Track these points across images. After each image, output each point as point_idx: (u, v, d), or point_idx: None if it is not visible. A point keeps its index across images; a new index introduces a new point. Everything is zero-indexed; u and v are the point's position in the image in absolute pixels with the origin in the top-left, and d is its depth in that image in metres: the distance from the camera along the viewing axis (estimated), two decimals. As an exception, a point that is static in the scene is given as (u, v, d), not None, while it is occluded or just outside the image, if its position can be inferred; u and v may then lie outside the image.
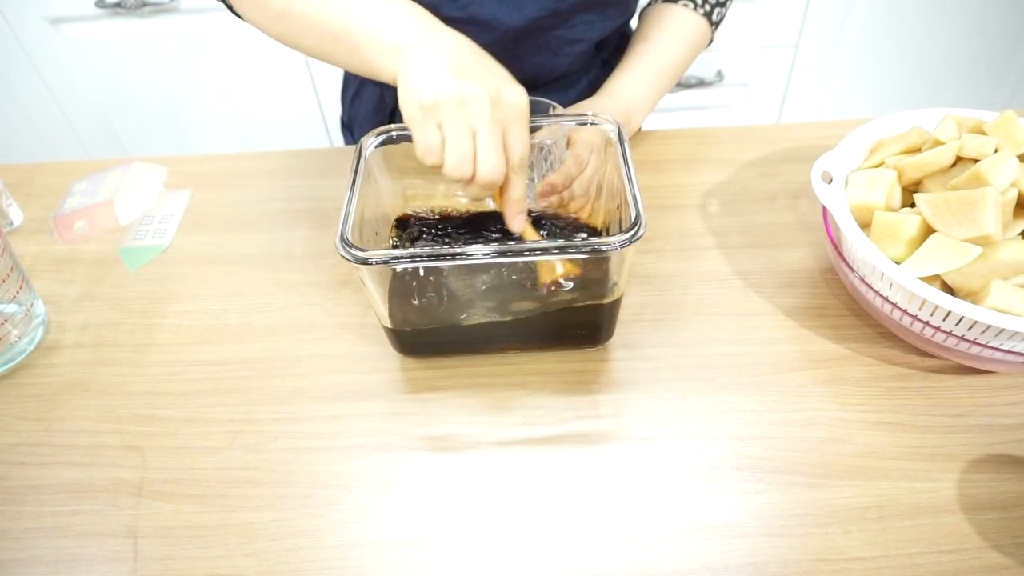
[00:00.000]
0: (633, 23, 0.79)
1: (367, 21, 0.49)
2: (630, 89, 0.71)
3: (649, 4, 0.77)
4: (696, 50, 0.74)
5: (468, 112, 0.45)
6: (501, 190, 0.49)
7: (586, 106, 0.68)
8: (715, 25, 0.75)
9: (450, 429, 0.53)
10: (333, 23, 0.51)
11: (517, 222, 0.50)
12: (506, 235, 0.62)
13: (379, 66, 0.49)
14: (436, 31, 0.48)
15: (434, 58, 0.46)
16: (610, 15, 0.72)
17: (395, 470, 0.51)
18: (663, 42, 0.72)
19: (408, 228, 0.63)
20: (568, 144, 0.60)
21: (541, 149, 0.59)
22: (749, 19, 1.41)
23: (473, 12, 0.66)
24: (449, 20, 0.68)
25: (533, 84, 0.77)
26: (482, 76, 0.46)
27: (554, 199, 0.59)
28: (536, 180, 0.62)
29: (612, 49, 0.81)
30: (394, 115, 0.84)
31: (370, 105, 0.83)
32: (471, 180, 0.46)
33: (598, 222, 0.61)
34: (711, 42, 0.75)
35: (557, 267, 0.52)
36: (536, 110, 0.60)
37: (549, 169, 0.61)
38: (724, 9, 0.74)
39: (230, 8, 0.60)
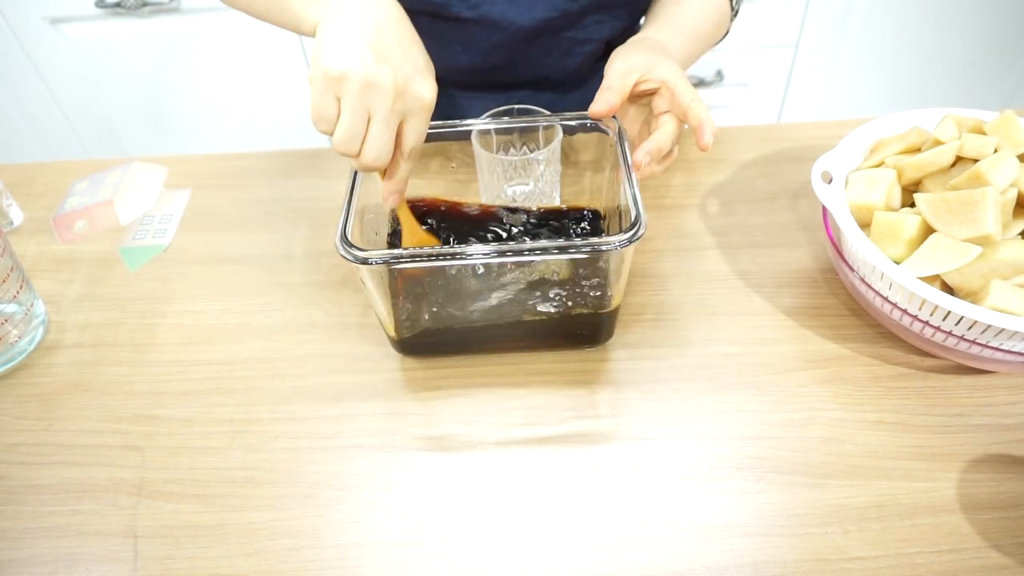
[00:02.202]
0: (642, 23, 0.78)
1: None
2: (661, 37, 0.63)
3: None
4: (719, 28, 0.70)
5: (370, 96, 0.44)
6: (388, 169, 0.50)
7: (616, 55, 0.59)
8: (734, 12, 0.72)
9: (450, 429, 0.53)
10: None
11: (391, 200, 0.52)
12: (508, 234, 0.62)
13: (302, 16, 0.49)
14: None
15: (355, 26, 0.45)
16: (620, 16, 0.71)
17: (395, 470, 0.51)
18: (692, 7, 0.67)
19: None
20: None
21: (537, 163, 0.59)
22: (749, 19, 1.41)
23: (484, 12, 0.66)
24: (459, 20, 0.68)
25: (543, 84, 0.77)
26: (396, 61, 0.45)
27: (660, 167, 0.56)
28: (533, 192, 0.62)
29: None
30: None
31: None
32: (355, 157, 0.47)
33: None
34: (727, 33, 0.74)
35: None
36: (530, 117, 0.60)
37: (544, 184, 0.61)
38: (741, 1, 0.73)
39: None
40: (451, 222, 0.62)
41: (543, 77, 0.75)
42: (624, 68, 0.55)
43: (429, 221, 0.62)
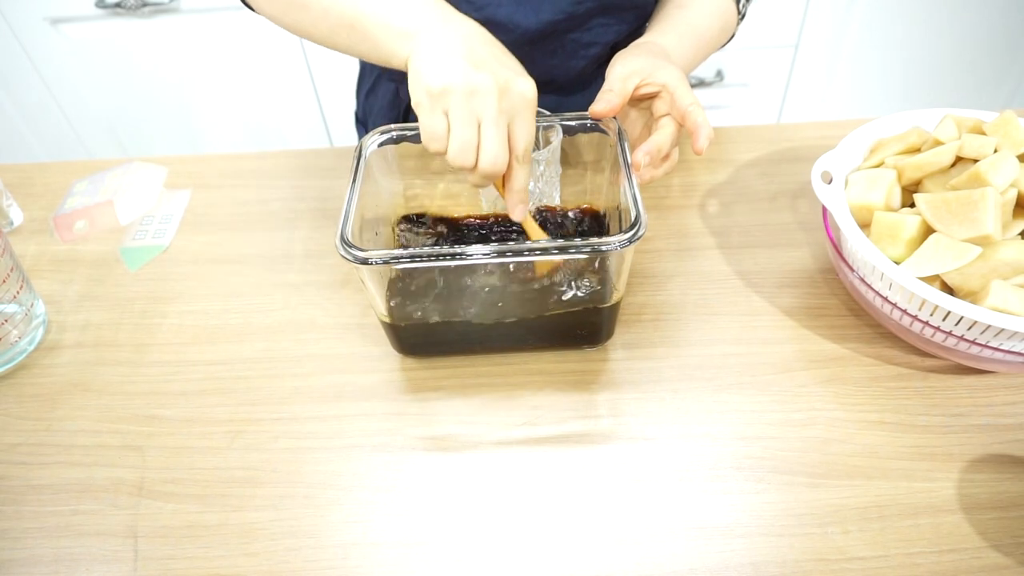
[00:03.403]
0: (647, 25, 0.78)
1: (381, 6, 0.49)
2: (664, 42, 0.65)
3: None
4: (724, 32, 0.71)
5: (475, 102, 0.45)
6: (504, 179, 0.49)
7: (617, 59, 0.60)
8: (741, 16, 0.73)
9: (450, 429, 0.53)
10: (347, 9, 0.51)
11: (518, 211, 0.51)
12: (507, 235, 0.62)
13: (391, 51, 0.49)
14: (451, 18, 0.48)
15: (446, 45, 0.46)
16: (626, 19, 0.71)
17: (395, 470, 0.51)
18: (697, 11, 0.68)
19: (410, 228, 0.63)
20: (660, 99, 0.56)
21: (537, 163, 0.59)
22: (749, 19, 1.40)
23: (490, 14, 0.66)
24: None
25: (547, 87, 0.77)
26: (493, 67, 0.46)
27: (659, 171, 0.56)
28: (533, 192, 0.61)
29: None
30: (409, 111, 0.83)
31: (385, 101, 0.83)
32: (473, 169, 0.47)
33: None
34: (733, 36, 0.74)
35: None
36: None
37: (544, 184, 0.61)
38: (749, 3, 0.73)
39: (245, 3, 0.61)
40: (454, 228, 0.62)
41: (547, 79, 0.75)
42: (625, 71, 0.55)
43: (440, 229, 0.62)
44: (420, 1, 0.49)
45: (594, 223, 0.62)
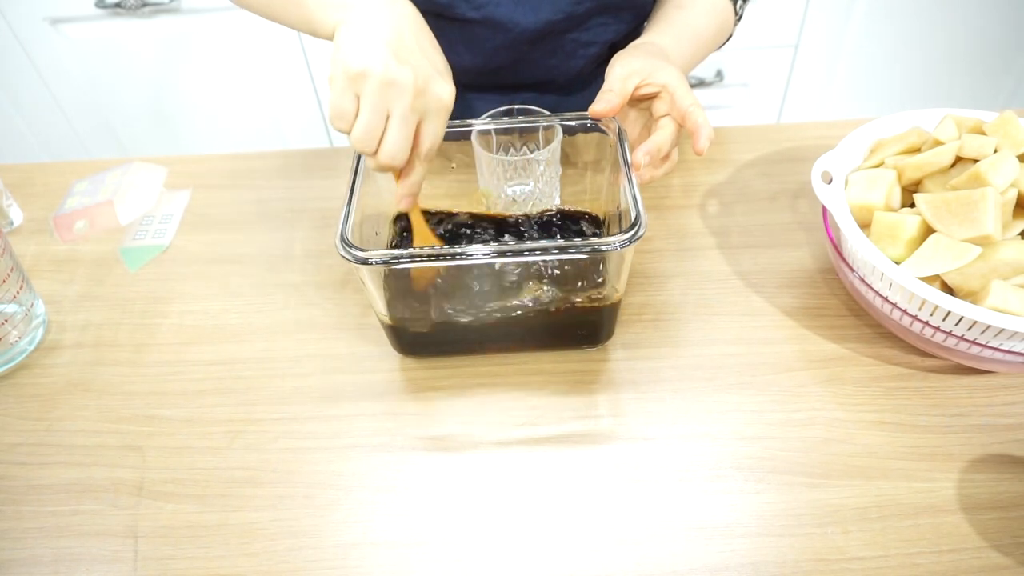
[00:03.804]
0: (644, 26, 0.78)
1: None
2: (662, 42, 0.64)
3: None
4: (722, 32, 0.71)
5: (390, 94, 0.45)
6: (402, 171, 0.50)
7: (617, 59, 0.59)
8: (738, 17, 0.73)
9: (450, 429, 0.53)
10: None
11: (404, 203, 0.52)
12: (507, 235, 0.62)
13: (319, 19, 0.49)
14: None
15: (375, 26, 0.46)
16: (625, 18, 0.71)
17: (395, 470, 0.51)
18: (694, 11, 0.68)
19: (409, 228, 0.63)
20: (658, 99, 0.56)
21: (537, 163, 0.59)
22: (749, 19, 1.40)
23: (488, 13, 0.66)
24: (464, 21, 0.68)
25: (546, 87, 0.77)
26: (417, 61, 0.46)
27: (659, 171, 0.56)
28: (533, 192, 0.61)
29: None
30: None
31: None
32: (373, 155, 0.47)
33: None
34: (730, 37, 0.74)
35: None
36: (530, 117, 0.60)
37: (544, 184, 0.61)
38: (745, 4, 0.73)
39: None
40: (454, 226, 0.62)
41: (547, 79, 0.75)
42: (625, 72, 0.55)
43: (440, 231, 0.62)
44: None
45: (592, 224, 0.62)
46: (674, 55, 0.62)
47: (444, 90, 0.47)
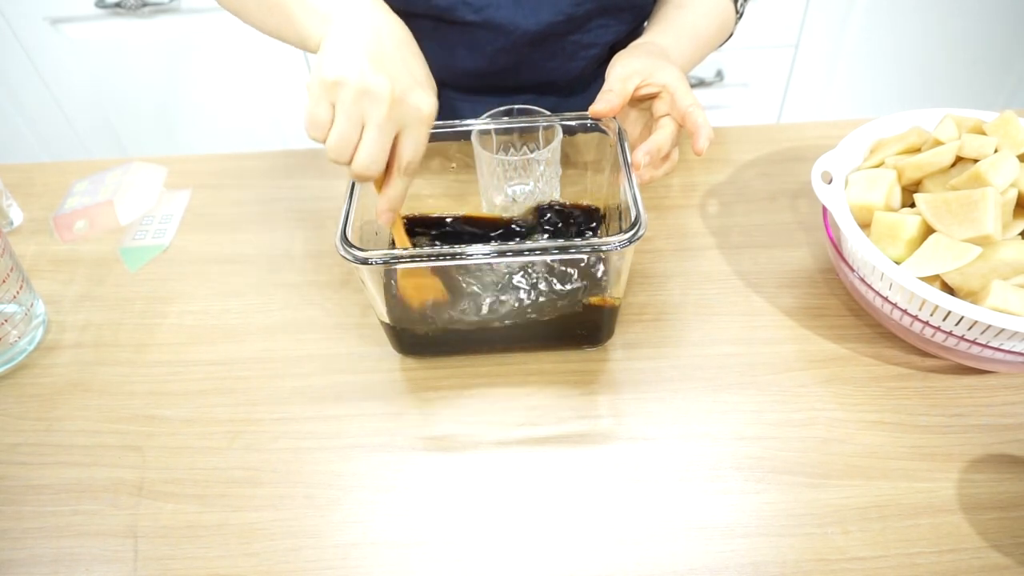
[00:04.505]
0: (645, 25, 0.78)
1: None
2: (663, 42, 0.64)
3: None
4: (723, 31, 0.71)
5: (364, 102, 0.44)
6: (382, 184, 0.49)
7: (617, 59, 0.59)
8: (739, 15, 0.73)
9: (450, 429, 0.53)
10: None
11: (385, 217, 0.50)
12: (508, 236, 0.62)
13: (307, 34, 0.49)
14: (372, 8, 0.47)
15: (355, 36, 0.45)
16: (625, 19, 0.71)
17: (395, 470, 0.51)
18: (695, 10, 0.68)
19: (409, 228, 0.63)
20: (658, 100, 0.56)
21: (537, 163, 0.59)
22: (749, 19, 1.40)
23: (489, 16, 0.66)
24: (464, 24, 0.68)
25: (546, 89, 0.77)
26: (395, 71, 0.45)
27: (659, 171, 0.56)
28: (533, 192, 0.61)
29: None
30: None
31: None
32: (348, 165, 0.46)
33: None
34: (731, 35, 0.74)
35: None
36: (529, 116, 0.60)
37: (544, 184, 0.61)
38: (747, 2, 0.73)
39: None
40: (451, 229, 0.62)
41: (547, 81, 0.75)
42: (625, 72, 0.55)
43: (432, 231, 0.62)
44: None
45: (591, 218, 0.62)
46: (674, 55, 0.62)
47: (424, 101, 0.46)
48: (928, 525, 0.46)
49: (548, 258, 0.49)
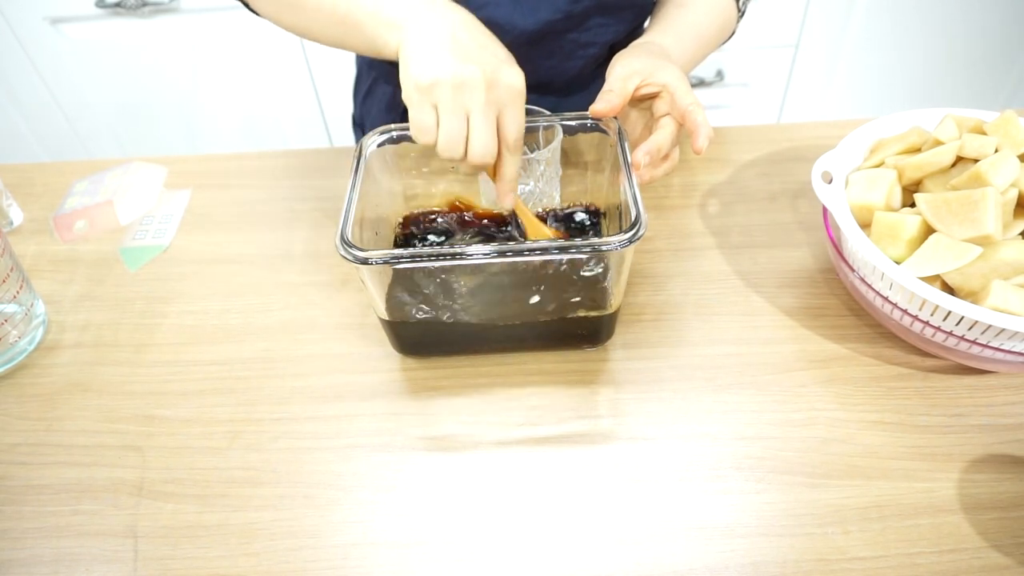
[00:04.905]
0: (646, 25, 0.78)
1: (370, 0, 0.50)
2: (663, 41, 0.64)
3: None
4: (724, 30, 0.71)
5: (463, 95, 0.45)
6: (495, 169, 0.50)
7: (618, 59, 0.59)
8: (741, 13, 0.73)
9: (450, 429, 0.53)
10: (340, 5, 0.52)
11: (508, 200, 0.52)
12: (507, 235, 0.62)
13: (383, 43, 0.50)
14: (437, 7, 0.48)
15: (433, 38, 0.46)
16: (624, 18, 0.71)
17: (395, 470, 0.50)
18: (696, 9, 0.68)
19: (410, 228, 0.63)
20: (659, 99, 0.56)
21: (537, 163, 0.59)
22: (749, 19, 1.40)
23: (487, 14, 0.66)
24: None
25: (545, 88, 0.77)
26: (480, 57, 0.46)
27: (659, 171, 0.56)
28: (533, 192, 0.61)
29: None
30: (406, 113, 0.83)
31: (382, 103, 0.83)
32: (463, 159, 0.47)
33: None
34: (733, 34, 0.74)
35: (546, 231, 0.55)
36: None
37: (544, 184, 0.61)
38: (748, 1, 0.73)
39: (246, 5, 0.61)
40: (457, 227, 0.62)
41: (545, 81, 0.75)
42: (626, 72, 0.56)
43: (436, 221, 0.62)
44: None
45: (594, 220, 0.62)
46: (676, 54, 0.62)
47: (514, 77, 0.47)
48: (928, 525, 0.46)
49: (548, 258, 0.49)
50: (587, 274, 0.54)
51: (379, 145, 0.56)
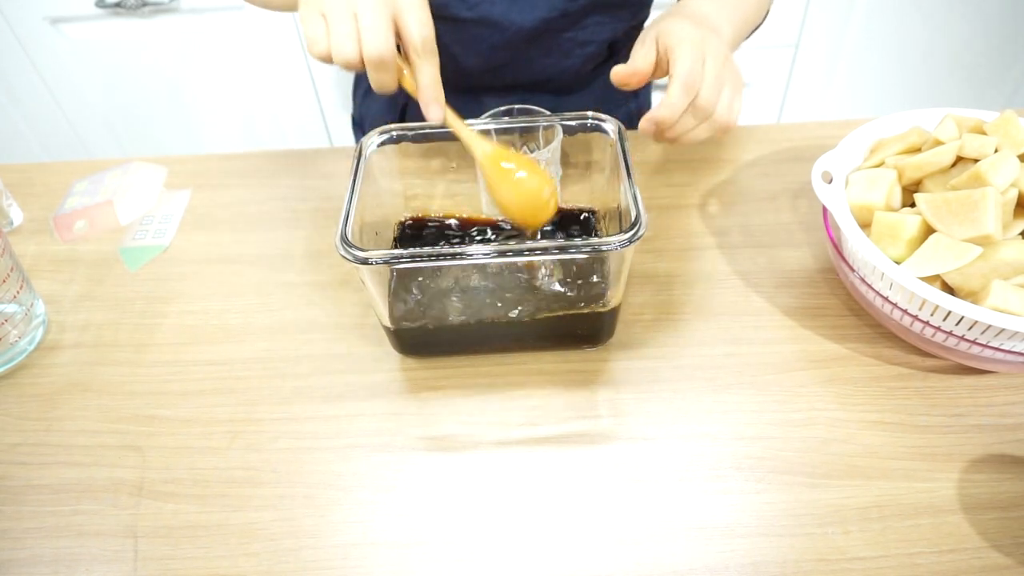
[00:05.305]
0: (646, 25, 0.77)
1: None
2: (703, 9, 0.60)
3: None
4: (762, 5, 0.67)
5: None
6: (412, 78, 0.48)
7: (648, 28, 0.58)
8: None
9: (450, 429, 0.53)
10: None
11: (433, 110, 0.48)
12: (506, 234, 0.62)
13: None
14: None
15: None
16: (622, 16, 0.71)
17: (395, 470, 0.50)
18: None
19: (410, 229, 0.63)
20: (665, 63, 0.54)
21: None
22: (749, 19, 1.40)
23: (483, 12, 0.66)
24: (458, 20, 0.68)
25: (543, 87, 0.77)
26: None
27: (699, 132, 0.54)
28: None
29: (626, 52, 0.81)
30: (405, 113, 0.83)
31: (382, 103, 0.83)
32: (361, 63, 0.45)
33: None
34: (768, 13, 0.70)
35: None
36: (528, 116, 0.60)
37: None
38: None
39: None
40: (453, 230, 0.62)
41: (543, 79, 0.75)
42: (648, 36, 0.55)
43: (432, 224, 0.62)
44: None
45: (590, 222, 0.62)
46: (716, 22, 0.58)
47: None
48: (928, 525, 0.46)
49: (548, 258, 0.49)
50: (587, 274, 0.54)
51: (379, 145, 0.56)
